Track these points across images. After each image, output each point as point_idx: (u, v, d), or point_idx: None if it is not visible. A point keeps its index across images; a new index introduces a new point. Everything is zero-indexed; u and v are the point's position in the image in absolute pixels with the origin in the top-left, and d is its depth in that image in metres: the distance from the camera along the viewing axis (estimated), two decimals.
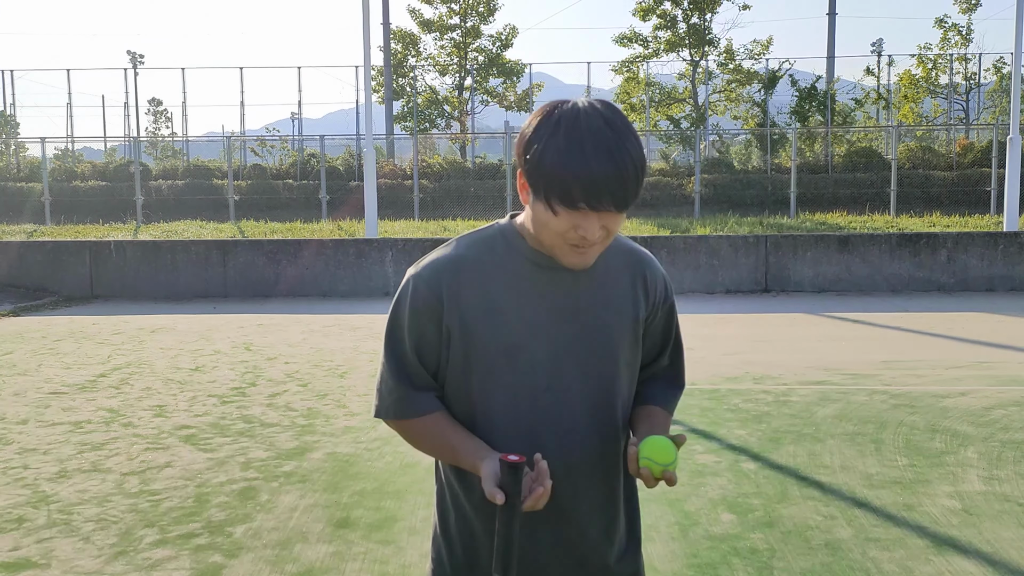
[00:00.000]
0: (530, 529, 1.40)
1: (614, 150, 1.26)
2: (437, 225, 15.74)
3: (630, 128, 1.31)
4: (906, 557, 3.28)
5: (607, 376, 1.44)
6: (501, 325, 1.39)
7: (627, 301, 1.46)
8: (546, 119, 1.30)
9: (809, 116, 23.74)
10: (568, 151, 1.26)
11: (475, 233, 1.46)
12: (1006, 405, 5.55)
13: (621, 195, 1.27)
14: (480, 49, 25.88)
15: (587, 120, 1.28)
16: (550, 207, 1.29)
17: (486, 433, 1.41)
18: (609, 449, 1.46)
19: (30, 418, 5.53)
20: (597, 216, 1.28)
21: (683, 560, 3.30)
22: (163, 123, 32.01)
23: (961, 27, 24.97)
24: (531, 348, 1.40)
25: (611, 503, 1.48)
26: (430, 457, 1.52)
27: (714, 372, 6.71)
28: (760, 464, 4.43)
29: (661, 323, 1.54)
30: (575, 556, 1.46)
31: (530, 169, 1.30)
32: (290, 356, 7.63)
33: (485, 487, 1.31)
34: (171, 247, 12.71)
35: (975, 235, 12.25)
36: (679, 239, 12.44)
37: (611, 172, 1.26)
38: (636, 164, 1.28)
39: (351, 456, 4.63)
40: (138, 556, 3.36)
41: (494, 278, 1.40)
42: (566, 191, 1.26)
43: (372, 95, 14.10)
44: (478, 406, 1.41)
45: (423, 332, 1.41)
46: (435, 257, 1.43)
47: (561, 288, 1.41)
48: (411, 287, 1.42)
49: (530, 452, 1.38)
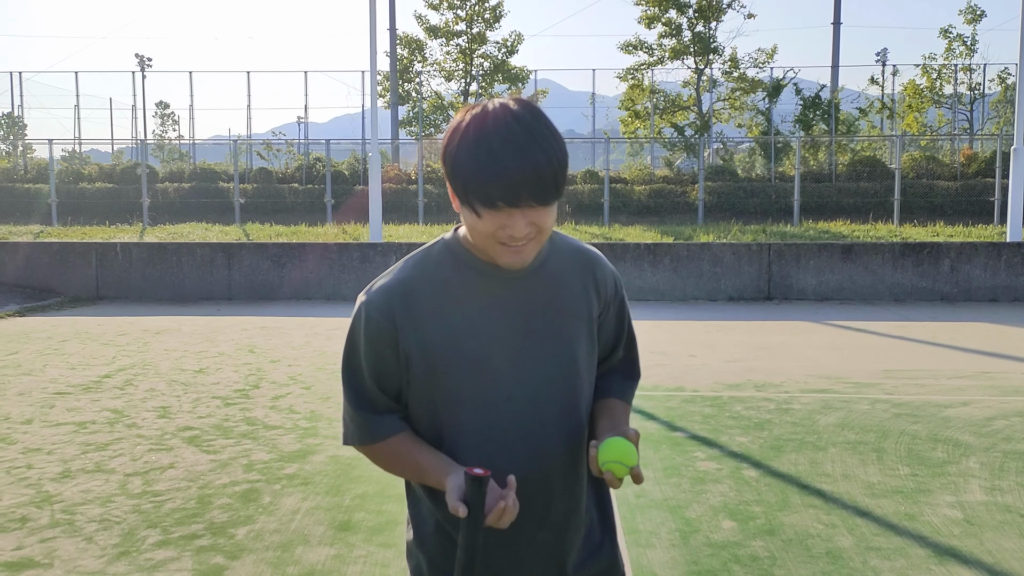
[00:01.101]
0: (508, 537, 1.40)
1: (524, 144, 1.25)
2: (441, 230, 15.72)
3: (541, 121, 1.29)
4: (907, 567, 3.28)
5: (569, 379, 1.44)
6: (460, 340, 1.38)
7: (580, 302, 1.46)
8: (458, 125, 1.30)
9: (813, 125, 23.76)
10: (478, 152, 1.26)
11: (421, 252, 1.44)
12: (1008, 415, 5.55)
13: (538, 188, 1.26)
14: (486, 55, 25.96)
15: (495, 119, 1.27)
16: (473, 210, 1.29)
17: (454, 448, 1.40)
18: (577, 448, 1.47)
19: (35, 418, 5.55)
20: (520, 213, 1.28)
21: (684, 567, 3.30)
22: (170, 126, 32.12)
23: (966, 37, 25.01)
24: (492, 359, 1.39)
25: (582, 501, 1.49)
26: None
27: (716, 379, 6.71)
28: (761, 472, 4.43)
29: (614, 318, 1.54)
30: (555, 559, 1.47)
31: (449, 175, 1.30)
32: (293, 359, 7.65)
33: (448, 501, 1.30)
34: (176, 249, 12.75)
35: (978, 245, 12.24)
36: (682, 246, 12.45)
37: (523, 167, 1.25)
38: (549, 156, 1.26)
39: (353, 459, 4.64)
40: (140, 557, 3.37)
41: (446, 295, 1.39)
42: (483, 192, 1.26)
43: (378, 100, 14.14)
44: (445, 422, 1.41)
45: (380, 358, 1.40)
46: (384, 282, 1.41)
47: (514, 296, 1.40)
48: (364, 314, 1.39)
49: (501, 462, 1.37)
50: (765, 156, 22.69)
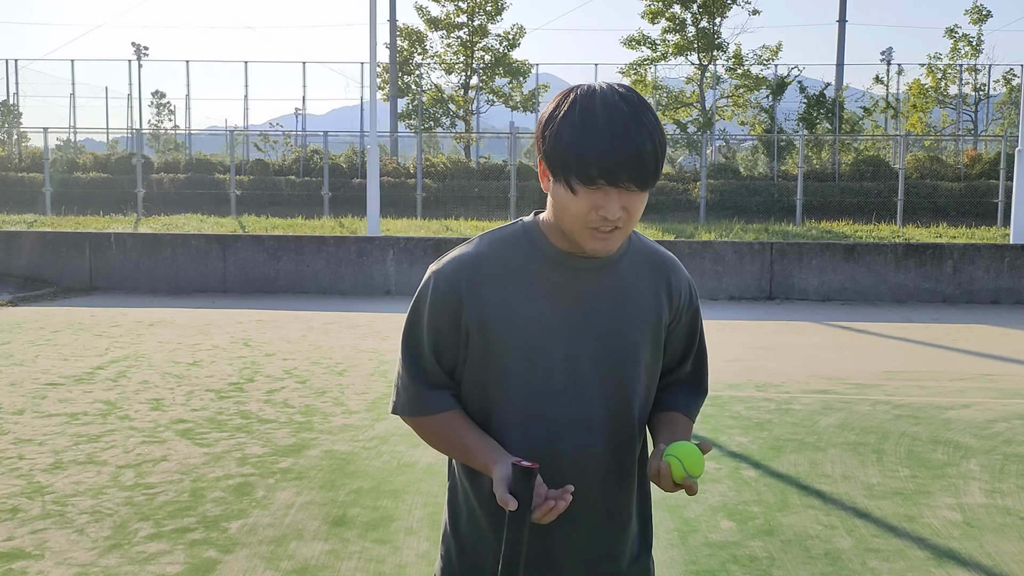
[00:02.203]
0: (541, 531, 1.37)
1: (630, 125, 1.24)
2: (439, 224, 15.70)
3: (647, 107, 1.28)
4: (906, 568, 3.24)
5: (625, 379, 1.41)
6: (519, 326, 1.37)
7: (649, 304, 1.43)
8: (562, 100, 1.29)
9: (817, 123, 23.70)
10: (583, 127, 1.24)
11: (499, 230, 1.44)
12: (1009, 418, 5.51)
13: (639, 170, 1.25)
14: (487, 48, 25.87)
15: (602, 97, 1.26)
16: (569, 187, 1.27)
17: (501, 433, 1.39)
18: (624, 452, 1.44)
19: (26, 408, 5.50)
20: (617, 194, 1.26)
21: (682, 567, 3.26)
22: (166, 116, 32.04)
23: (971, 38, 24.92)
24: (549, 350, 1.37)
25: (624, 507, 1.46)
26: (428, 458, 1.50)
27: (716, 379, 6.64)
28: (761, 472, 4.40)
29: (685, 329, 1.51)
30: (586, 560, 1.44)
31: (548, 151, 1.28)
32: (289, 353, 7.60)
33: (496, 491, 1.28)
34: (171, 240, 12.69)
35: (981, 247, 12.20)
36: (684, 244, 12.40)
37: (628, 146, 1.23)
38: (654, 139, 1.25)
39: (348, 454, 4.60)
40: (132, 549, 3.33)
41: (514, 277, 1.38)
42: (584, 168, 1.24)
43: (377, 92, 14.07)
44: (494, 406, 1.39)
45: (441, 329, 1.39)
46: (457, 254, 1.41)
47: (582, 289, 1.38)
48: (432, 284, 1.40)
49: (543, 454, 1.35)
50: (768, 154, 22.63)
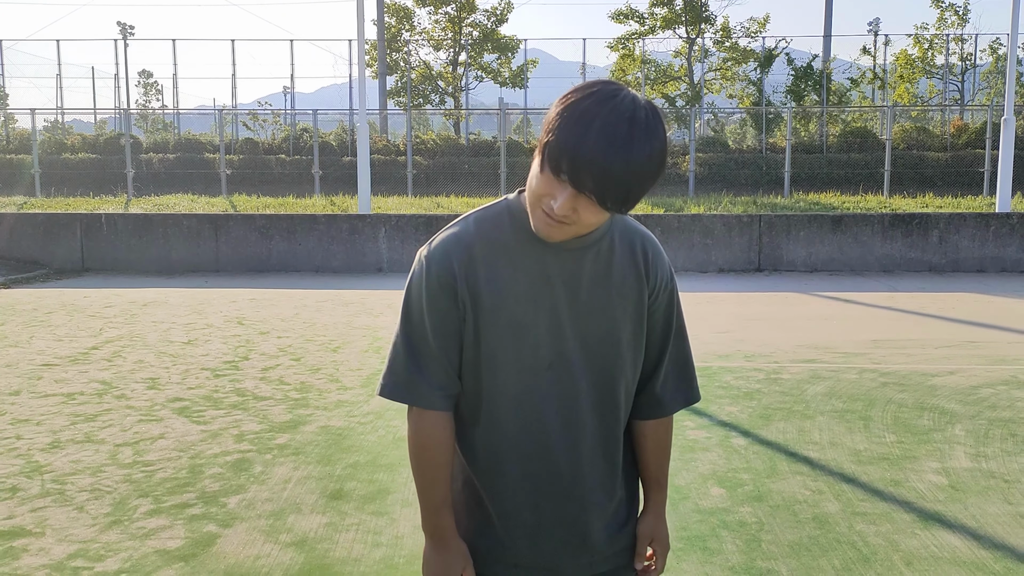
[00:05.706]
0: (533, 504, 1.42)
1: (619, 144, 1.20)
2: (430, 201, 15.66)
3: (652, 138, 1.22)
4: (892, 531, 3.33)
5: (609, 355, 1.44)
6: (507, 303, 1.39)
7: (630, 281, 1.45)
8: (591, 88, 1.27)
9: (805, 95, 23.67)
10: (579, 121, 1.23)
11: (484, 209, 1.45)
12: (994, 384, 5.61)
13: (601, 189, 1.22)
14: (475, 24, 25.64)
15: (613, 105, 1.22)
16: (541, 163, 1.28)
17: (492, 409, 1.42)
18: (610, 426, 1.47)
19: (22, 389, 5.52)
20: (575, 195, 1.25)
21: (673, 533, 3.33)
22: (154, 95, 31.62)
23: (958, 7, 24.88)
24: (535, 325, 1.40)
25: (612, 479, 1.50)
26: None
27: (706, 350, 6.75)
28: (750, 440, 4.48)
29: (663, 308, 1.52)
30: (578, 530, 1.48)
31: (547, 122, 1.29)
32: (283, 330, 7.63)
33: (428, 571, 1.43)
34: (163, 221, 12.63)
35: (967, 216, 12.29)
36: (673, 218, 12.44)
37: (604, 161, 1.20)
38: (632, 171, 1.21)
39: (344, 429, 4.65)
40: (132, 525, 3.38)
41: (500, 255, 1.40)
42: (557, 156, 1.24)
43: (365, 70, 13.95)
44: (485, 383, 1.42)
45: (441, 308, 1.40)
46: (445, 235, 1.43)
47: (565, 267, 1.40)
48: (424, 266, 1.41)
49: (535, 428, 1.40)
50: (756, 127, 22.62)
